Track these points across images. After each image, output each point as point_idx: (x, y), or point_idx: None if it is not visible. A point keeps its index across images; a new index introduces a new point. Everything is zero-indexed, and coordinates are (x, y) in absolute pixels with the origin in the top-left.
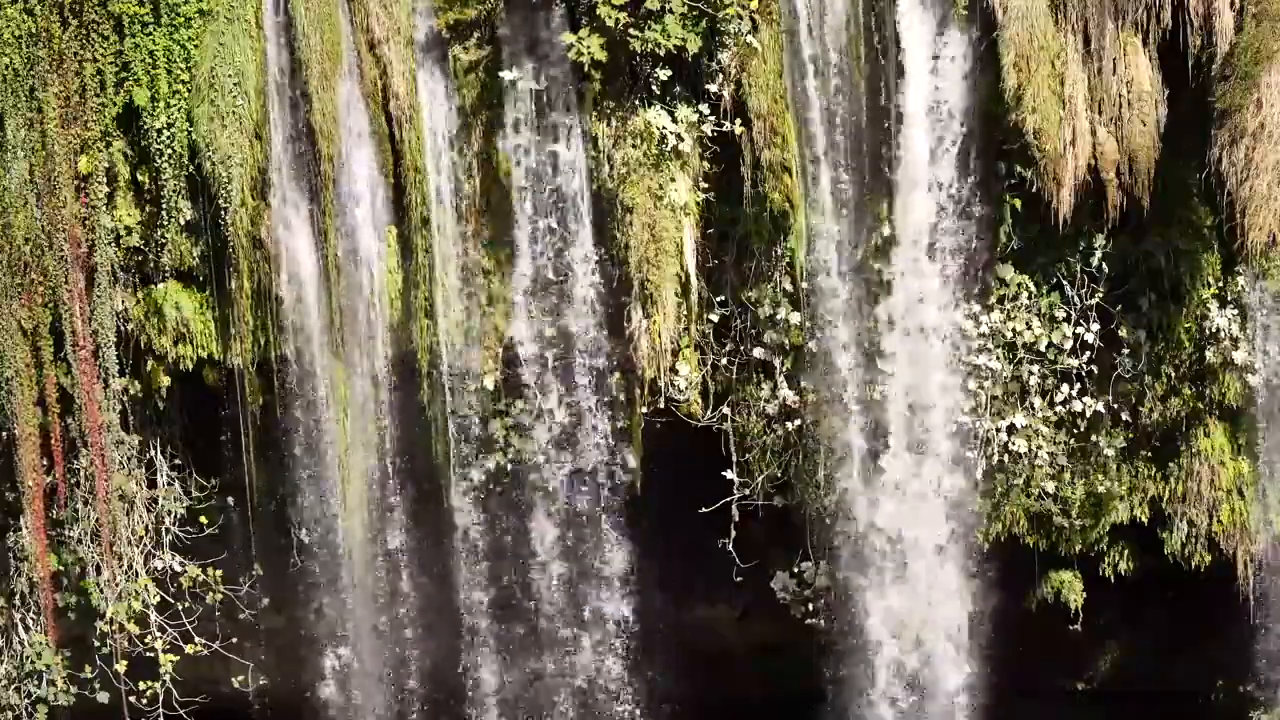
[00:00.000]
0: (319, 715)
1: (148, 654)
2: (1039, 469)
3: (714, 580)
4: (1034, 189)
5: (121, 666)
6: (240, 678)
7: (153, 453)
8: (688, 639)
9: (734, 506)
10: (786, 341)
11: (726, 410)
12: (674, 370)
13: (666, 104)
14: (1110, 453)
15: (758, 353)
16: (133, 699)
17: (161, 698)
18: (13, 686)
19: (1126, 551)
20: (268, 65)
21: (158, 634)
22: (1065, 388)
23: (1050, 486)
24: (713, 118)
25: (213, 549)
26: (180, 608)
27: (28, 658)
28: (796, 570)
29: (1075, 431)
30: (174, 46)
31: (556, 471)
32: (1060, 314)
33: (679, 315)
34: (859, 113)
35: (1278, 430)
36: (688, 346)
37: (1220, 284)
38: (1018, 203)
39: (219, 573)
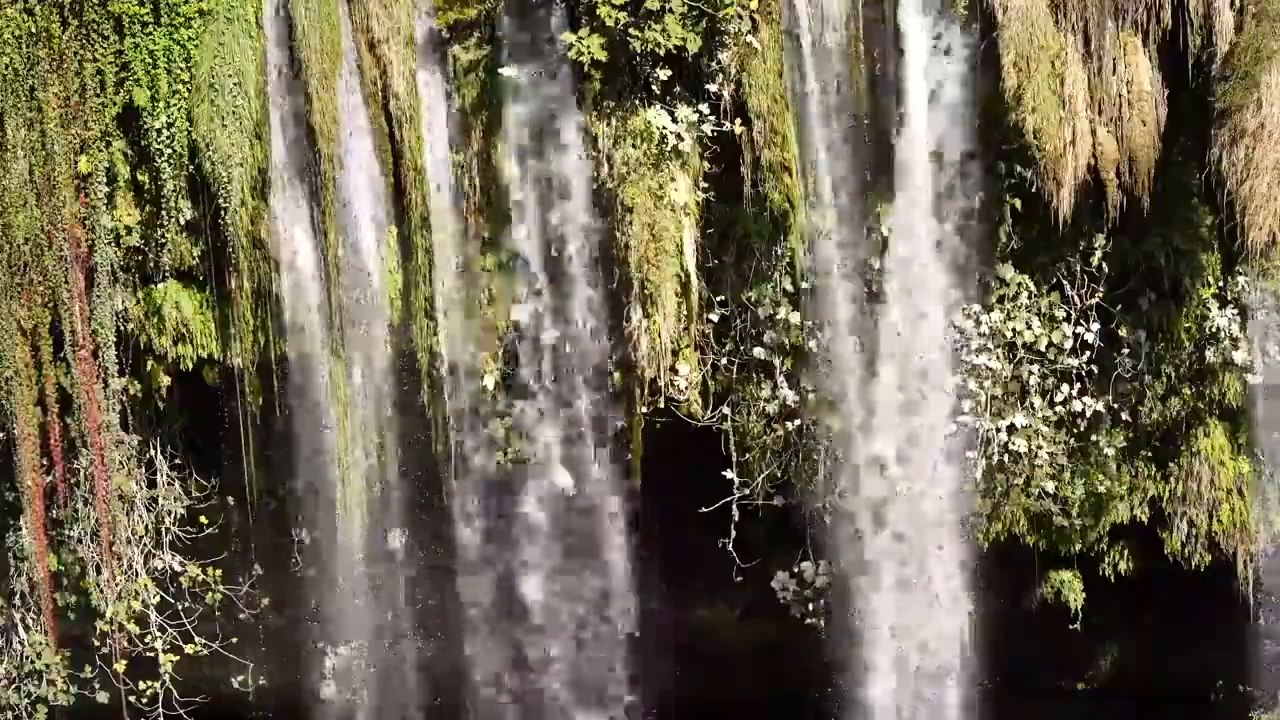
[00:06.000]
0: (319, 715)
1: (148, 654)
2: (1039, 469)
3: (714, 580)
4: (1034, 189)
5: (121, 666)
6: (240, 678)
7: (153, 453)
8: (688, 639)
9: (734, 506)
10: (786, 341)
11: (726, 410)
12: (674, 370)
13: (666, 104)
14: (1110, 453)
15: (758, 353)
16: (133, 699)
17: (161, 698)
18: (13, 686)
19: (1126, 551)
20: (268, 65)
21: (158, 634)
22: (1065, 388)
23: (1050, 486)
24: (713, 117)
25: (213, 549)
26: (180, 608)
27: (28, 657)
28: (796, 570)
29: (1075, 431)
30: (174, 46)
31: (556, 471)
32: (1060, 314)
33: (679, 315)
34: (859, 112)
35: (1278, 430)
36: (688, 346)
37: (1220, 284)
38: (1018, 203)
39: (219, 573)
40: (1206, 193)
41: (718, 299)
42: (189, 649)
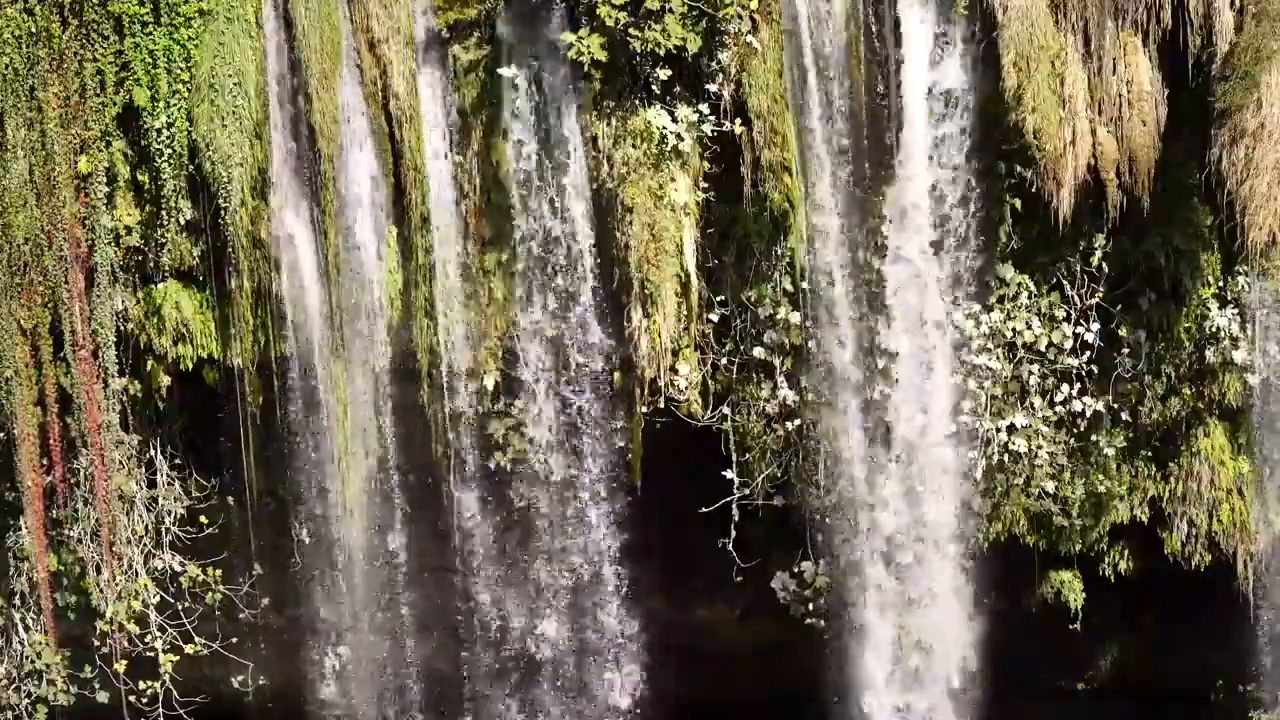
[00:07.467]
0: (319, 715)
1: (148, 654)
2: (1039, 469)
3: (714, 580)
4: (1034, 189)
5: (121, 666)
6: (240, 678)
7: (153, 453)
8: (688, 639)
9: (734, 506)
10: (786, 341)
11: (726, 410)
12: (674, 370)
13: (666, 104)
14: (1110, 453)
15: (758, 353)
16: (133, 699)
17: (161, 698)
18: (13, 686)
19: (1126, 551)
20: (268, 65)
21: (158, 634)
22: (1065, 387)
23: (1050, 486)
24: (713, 117)
25: (213, 549)
26: (180, 608)
27: (28, 657)
28: (796, 570)
29: (1075, 431)
30: (174, 46)
31: (555, 471)
32: (1060, 314)
33: (679, 315)
34: (859, 112)
35: (1278, 430)
36: (688, 346)
37: (1220, 284)
38: (1018, 203)
39: (219, 573)
40: (1206, 193)
41: (718, 299)
42: (189, 649)
